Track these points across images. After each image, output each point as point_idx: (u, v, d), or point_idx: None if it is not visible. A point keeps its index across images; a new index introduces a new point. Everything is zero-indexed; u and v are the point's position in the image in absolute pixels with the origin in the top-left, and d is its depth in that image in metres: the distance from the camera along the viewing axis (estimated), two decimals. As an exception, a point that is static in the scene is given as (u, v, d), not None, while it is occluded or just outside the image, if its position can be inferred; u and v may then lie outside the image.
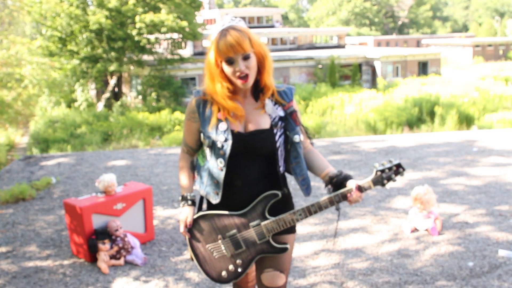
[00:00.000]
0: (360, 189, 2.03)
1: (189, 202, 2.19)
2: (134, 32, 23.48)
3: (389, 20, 74.35)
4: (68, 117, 20.97)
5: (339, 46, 40.13)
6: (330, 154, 7.69)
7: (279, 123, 2.07)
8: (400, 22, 75.02)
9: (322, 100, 23.03)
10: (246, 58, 1.95)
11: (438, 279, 3.51)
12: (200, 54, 31.55)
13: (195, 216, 2.18)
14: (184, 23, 23.90)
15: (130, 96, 27.82)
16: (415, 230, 4.40)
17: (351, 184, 2.04)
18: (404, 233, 4.39)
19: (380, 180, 2.04)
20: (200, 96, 2.10)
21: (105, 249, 3.88)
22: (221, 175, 2.06)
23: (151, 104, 24.55)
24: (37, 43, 20.32)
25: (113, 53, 23.80)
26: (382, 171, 2.03)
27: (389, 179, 2.04)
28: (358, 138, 9.89)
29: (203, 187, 2.16)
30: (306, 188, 2.17)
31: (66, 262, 4.04)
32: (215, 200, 2.12)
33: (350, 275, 3.62)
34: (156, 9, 24.27)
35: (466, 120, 17.79)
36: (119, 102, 24.39)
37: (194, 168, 2.26)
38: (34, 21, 23.19)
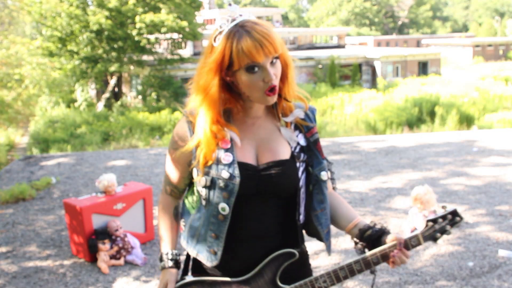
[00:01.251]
0: (407, 246, 1.50)
1: (171, 263, 1.60)
2: (134, 32, 23.48)
3: (389, 20, 74.33)
4: (68, 117, 20.96)
5: (339, 46, 40.13)
6: (330, 154, 7.69)
7: (301, 155, 1.54)
8: (400, 22, 75.00)
9: (322, 100, 23.02)
10: (273, 62, 1.42)
11: (438, 279, 3.51)
12: (200, 54, 31.52)
13: (179, 284, 1.59)
14: (184, 23, 23.89)
15: (130, 96, 27.82)
16: (415, 230, 4.40)
17: (392, 240, 1.50)
18: (404, 233, 4.39)
19: (432, 233, 1.54)
20: (189, 116, 1.53)
21: (105, 249, 3.88)
22: (223, 226, 1.49)
23: (151, 104, 24.55)
24: (37, 43, 20.32)
25: (113, 53, 23.80)
26: (434, 221, 1.54)
27: (443, 231, 1.54)
28: (358, 138, 9.89)
29: (193, 244, 1.57)
30: (330, 244, 1.64)
31: (66, 262, 4.04)
32: (211, 262, 1.53)
33: (350, 275, 3.61)
34: (156, 9, 24.26)
35: (466, 120, 17.78)
36: (119, 102, 24.40)
37: (180, 216, 1.67)
38: (34, 21, 23.19)
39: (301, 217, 1.56)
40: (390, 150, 7.90)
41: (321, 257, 3.93)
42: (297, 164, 1.52)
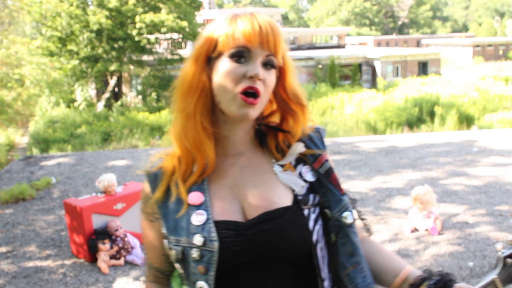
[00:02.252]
0: None
1: None
2: (134, 32, 23.49)
3: (389, 20, 74.34)
4: (68, 117, 20.96)
5: (339, 46, 40.13)
6: (330, 154, 7.68)
7: (310, 197, 1.11)
8: (400, 22, 75.00)
9: (322, 100, 23.02)
10: (268, 64, 1.05)
11: (438, 279, 3.51)
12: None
13: None
14: (184, 23, 23.91)
15: (130, 96, 27.83)
16: (415, 230, 4.40)
17: None
18: (404, 233, 4.38)
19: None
20: (153, 168, 1.15)
21: (105, 249, 3.88)
22: None
23: (151, 104, 24.55)
24: (37, 43, 20.32)
25: (113, 53, 23.82)
26: None
27: None
28: (358, 138, 9.89)
29: None
30: None
31: (66, 262, 4.04)
32: None
33: (350, 275, 3.61)
34: (156, 9, 24.27)
35: (466, 120, 17.77)
36: (119, 102, 24.41)
37: None
38: (34, 21, 23.20)
39: (326, 284, 1.11)
40: (390, 150, 7.90)
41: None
42: (305, 211, 1.08)
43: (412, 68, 32.44)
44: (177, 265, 1.12)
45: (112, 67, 23.53)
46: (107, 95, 26.04)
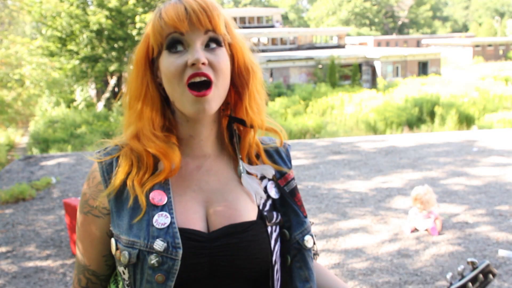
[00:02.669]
0: None
1: None
2: (134, 32, 23.51)
3: (389, 20, 74.36)
4: (68, 117, 20.98)
5: (339, 46, 40.14)
6: (330, 154, 7.69)
7: (274, 214, 1.03)
8: (400, 22, 75.02)
9: (322, 100, 23.03)
10: (213, 42, 0.94)
11: (438, 279, 3.51)
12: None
13: None
14: (184, 23, 23.95)
15: (130, 96, 27.87)
16: (415, 230, 4.40)
17: None
18: (404, 233, 4.39)
19: None
20: (107, 156, 1.03)
21: (105, 249, 3.89)
22: None
23: (151, 104, 24.60)
24: (37, 43, 20.33)
25: (113, 53, 23.84)
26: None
27: None
28: (358, 138, 9.90)
29: None
30: None
31: (66, 262, 4.04)
32: None
33: (350, 275, 3.61)
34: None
35: (466, 120, 17.78)
36: (119, 102, 24.41)
37: None
38: (34, 21, 23.22)
39: None
40: (390, 150, 7.90)
41: (321, 257, 3.93)
42: (269, 229, 1.00)
43: (412, 68, 32.46)
44: (121, 270, 0.97)
45: (112, 67, 23.56)
46: (107, 95, 26.06)
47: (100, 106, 25.50)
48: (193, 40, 0.92)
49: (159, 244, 0.92)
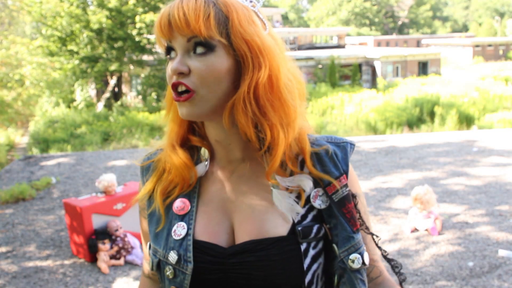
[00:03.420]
0: None
1: None
2: (134, 32, 23.51)
3: (389, 20, 74.35)
4: (68, 117, 20.97)
5: (339, 46, 40.15)
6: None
7: (314, 228, 0.91)
8: (400, 22, 75.01)
9: (322, 100, 23.03)
10: (201, 46, 0.85)
11: (438, 279, 3.51)
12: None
13: None
14: (184, 23, 23.95)
15: (130, 96, 27.86)
16: (415, 230, 4.40)
17: None
18: (404, 233, 4.39)
19: None
20: (147, 161, 1.02)
21: (105, 249, 3.89)
22: None
23: (151, 104, 24.57)
24: (37, 43, 20.34)
25: (113, 53, 23.85)
26: None
27: None
28: (358, 138, 9.90)
29: None
30: None
31: (66, 262, 4.04)
32: None
33: (350, 275, 3.61)
34: (156, 9, 24.27)
35: (466, 120, 17.78)
36: (119, 102, 24.43)
37: None
38: (34, 21, 23.22)
39: None
40: (390, 150, 7.90)
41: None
42: (303, 246, 0.89)
43: (412, 68, 32.46)
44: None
45: (112, 67, 23.56)
46: (107, 95, 26.06)
47: (100, 106, 25.50)
48: (179, 47, 0.87)
49: (172, 256, 0.90)
